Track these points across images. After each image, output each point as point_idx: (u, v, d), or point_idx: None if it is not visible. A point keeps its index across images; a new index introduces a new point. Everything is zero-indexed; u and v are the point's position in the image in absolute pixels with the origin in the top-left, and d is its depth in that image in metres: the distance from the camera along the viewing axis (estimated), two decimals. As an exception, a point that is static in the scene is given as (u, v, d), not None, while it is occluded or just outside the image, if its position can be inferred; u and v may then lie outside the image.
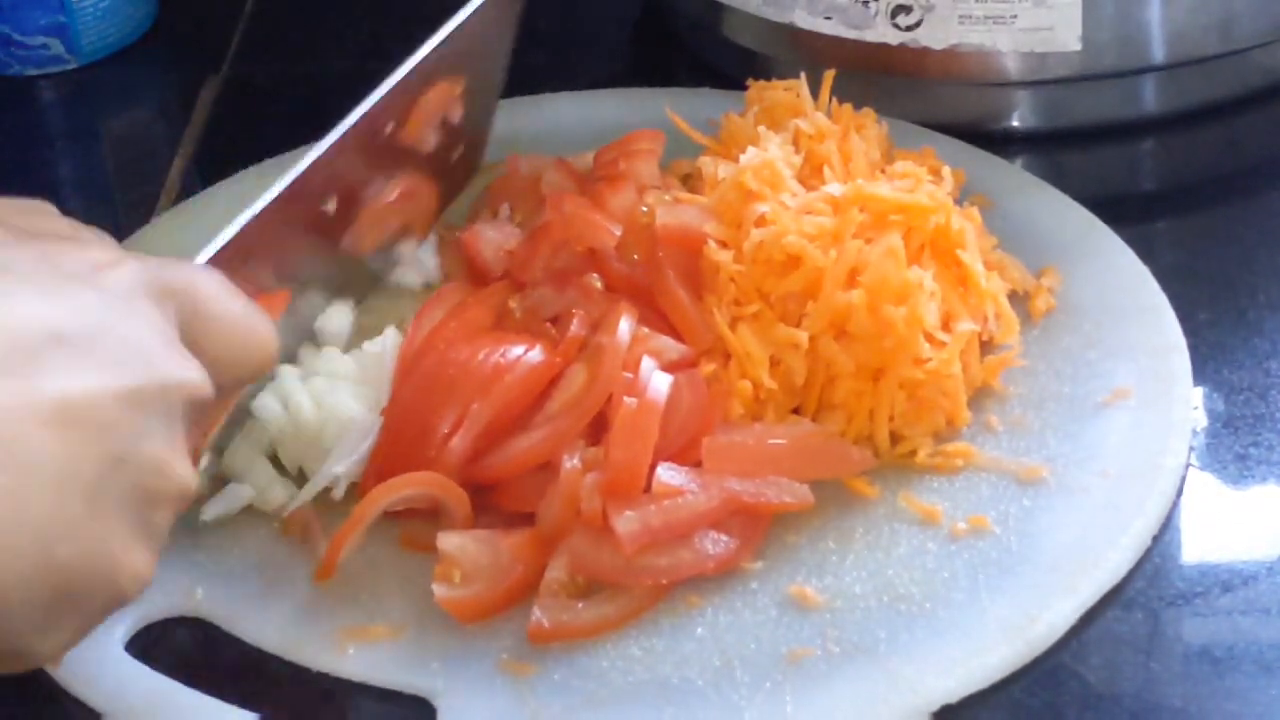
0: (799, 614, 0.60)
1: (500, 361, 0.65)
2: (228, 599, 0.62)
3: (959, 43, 0.82)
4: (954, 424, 0.67)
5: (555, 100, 0.89)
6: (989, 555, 0.61)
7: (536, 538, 0.62)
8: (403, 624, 0.61)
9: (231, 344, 0.54)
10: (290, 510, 0.64)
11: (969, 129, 0.83)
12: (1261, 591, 0.61)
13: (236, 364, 0.54)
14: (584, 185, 0.76)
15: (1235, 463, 0.66)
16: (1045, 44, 0.81)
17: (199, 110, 0.96)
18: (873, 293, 0.65)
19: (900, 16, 0.80)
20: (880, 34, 0.82)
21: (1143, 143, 0.86)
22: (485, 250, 0.74)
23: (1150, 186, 0.87)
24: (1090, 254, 0.75)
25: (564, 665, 0.59)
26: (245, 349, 0.54)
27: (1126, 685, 0.58)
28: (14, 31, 0.98)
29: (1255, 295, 0.74)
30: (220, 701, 0.57)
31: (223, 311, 0.53)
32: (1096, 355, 0.70)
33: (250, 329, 0.54)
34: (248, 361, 0.54)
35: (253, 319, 0.55)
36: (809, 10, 0.84)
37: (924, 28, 0.81)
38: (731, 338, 0.66)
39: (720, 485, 0.62)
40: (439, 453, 0.63)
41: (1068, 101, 0.85)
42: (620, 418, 0.62)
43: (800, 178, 0.70)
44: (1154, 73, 0.84)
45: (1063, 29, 0.81)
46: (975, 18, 0.81)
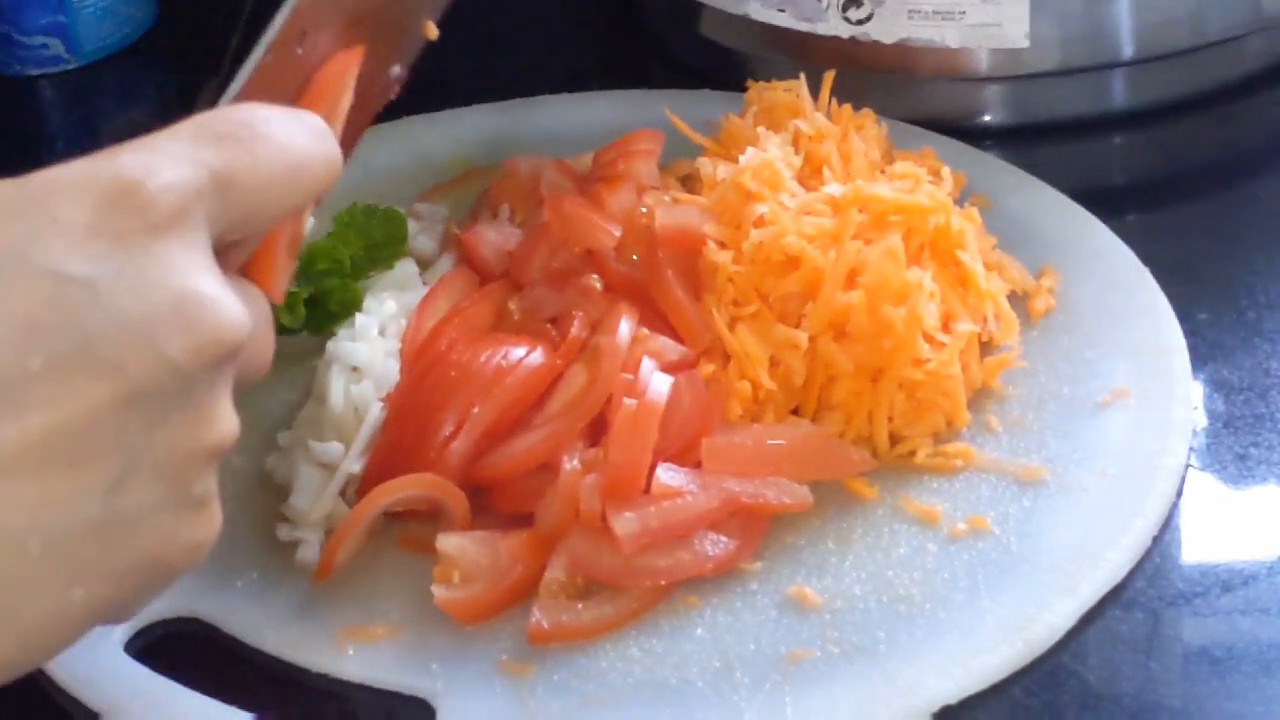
0: (798, 615, 0.60)
1: (501, 364, 0.65)
2: (227, 599, 0.62)
3: (908, 37, 0.82)
4: (953, 425, 0.67)
5: (554, 101, 0.89)
6: (989, 556, 0.61)
7: (536, 538, 0.62)
8: (402, 624, 0.61)
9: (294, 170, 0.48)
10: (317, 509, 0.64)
11: (942, 124, 0.83)
12: (1261, 591, 0.61)
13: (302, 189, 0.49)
14: (583, 186, 0.76)
15: (1235, 463, 0.66)
16: (993, 40, 0.82)
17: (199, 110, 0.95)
18: (872, 293, 0.65)
19: (851, 10, 0.80)
20: (832, 27, 0.82)
21: (1122, 137, 0.87)
22: (485, 251, 0.74)
23: (1133, 179, 0.87)
24: (1089, 254, 0.75)
25: (563, 666, 0.59)
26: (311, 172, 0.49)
27: (1126, 685, 0.58)
28: (14, 31, 0.98)
29: (1255, 295, 0.74)
30: (219, 702, 0.57)
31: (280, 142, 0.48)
32: (1095, 355, 0.70)
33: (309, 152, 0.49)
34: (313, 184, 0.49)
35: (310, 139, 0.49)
36: (763, 3, 0.84)
37: (874, 22, 0.82)
38: (730, 338, 0.66)
39: (719, 486, 0.62)
40: (439, 455, 0.63)
41: (1040, 97, 0.85)
42: (620, 419, 0.62)
43: (800, 178, 0.70)
44: (1132, 66, 0.85)
45: (1010, 25, 0.81)
46: (924, 13, 0.81)
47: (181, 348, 0.43)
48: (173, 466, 0.45)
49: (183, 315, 0.44)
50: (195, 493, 0.45)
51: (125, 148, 0.45)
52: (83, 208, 0.43)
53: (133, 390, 0.43)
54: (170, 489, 0.45)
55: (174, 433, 0.44)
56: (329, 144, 0.50)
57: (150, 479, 0.44)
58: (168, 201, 0.44)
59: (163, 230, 0.44)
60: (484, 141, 0.85)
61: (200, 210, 0.45)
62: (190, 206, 0.45)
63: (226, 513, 0.64)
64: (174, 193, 0.44)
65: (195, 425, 0.45)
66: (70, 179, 0.44)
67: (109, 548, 0.44)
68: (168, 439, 0.44)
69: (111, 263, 0.43)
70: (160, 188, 0.44)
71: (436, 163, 0.84)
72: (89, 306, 0.43)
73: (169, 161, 0.45)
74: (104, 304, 0.43)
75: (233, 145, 0.46)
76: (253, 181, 0.47)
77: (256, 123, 0.47)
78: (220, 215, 0.46)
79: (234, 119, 0.47)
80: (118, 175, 0.44)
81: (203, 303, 0.44)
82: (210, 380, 0.45)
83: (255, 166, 0.47)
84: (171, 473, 0.45)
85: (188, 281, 0.44)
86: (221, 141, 0.46)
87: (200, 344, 0.44)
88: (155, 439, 0.44)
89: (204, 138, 0.46)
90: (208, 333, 0.44)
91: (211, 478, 0.46)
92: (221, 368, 0.45)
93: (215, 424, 0.45)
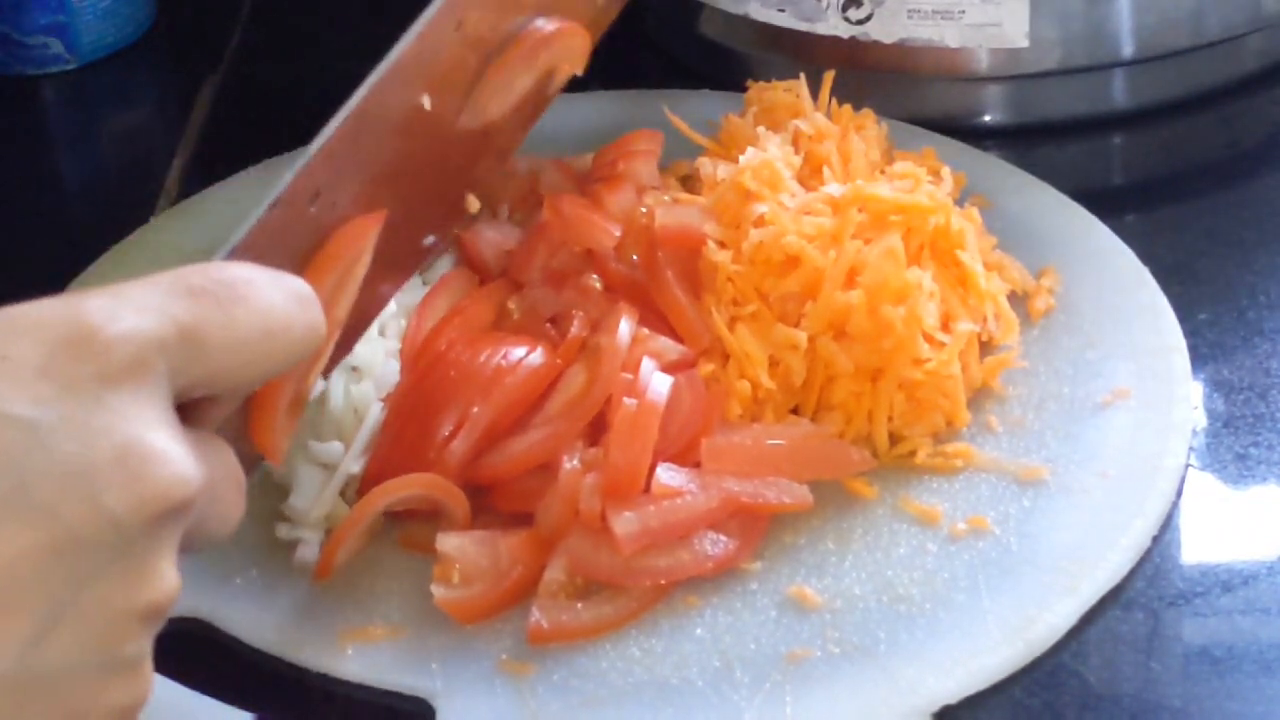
0: (798, 615, 0.60)
1: (501, 364, 0.65)
2: (228, 599, 0.62)
3: (908, 37, 0.83)
4: (953, 424, 0.67)
5: (554, 101, 0.88)
6: (989, 556, 0.61)
7: (535, 538, 0.62)
8: (402, 624, 0.61)
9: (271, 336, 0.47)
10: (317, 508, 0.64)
11: (942, 124, 0.83)
12: (1261, 591, 0.61)
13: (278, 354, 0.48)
14: (583, 186, 0.76)
15: (1235, 463, 0.66)
16: (993, 40, 0.82)
17: (198, 110, 0.96)
18: (872, 293, 0.65)
19: (851, 10, 0.80)
20: (831, 27, 0.82)
21: (1122, 136, 0.87)
22: (484, 250, 0.74)
23: (1134, 179, 0.87)
24: (1090, 254, 0.75)
25: (563, 666, 0.59)
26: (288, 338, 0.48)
27: (1126, 685, 0.58)
28: (14, 31, 0.98)
29: (1255, 295, 0.74)
30: (219, 702, 0.57)
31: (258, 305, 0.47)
32: (1096, 356, 0.70)
33: (288, 319, 0.47)
34: (291, 350, 0.48)
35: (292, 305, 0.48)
36: (763, 3, 0.84)
37: (874, 22, 0.82)
38: (730, 338, 0.66)
39: (719, 486, 0.62)
40: (439, 455, 0.63)
41: (1040, 97, 0.85)
42: (620, 419, 0.62)
43: (800, 178, 0.70)
44: (1126, 67, 0.85)
45: (1010, 25, 0.81)
46: (924, 12, 0.81)
47: (122, 499, 0.42)
48: (102, 624, 0.43)
49: (126, 467, 0.42)
50: (125, 654, 0.44)
51: (95, 292, 0.44)
52: (36, 349, 0.42)
53: (65, 539, 0.41)
54: (97, 648, 0.43)
55: (107, 588, 0.42)
56: (312, 312, 0.48)
57: (76, 635, 0.42)
58: (125, 350, 0.43)
59: (116, 379, 0.43)
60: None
61: (160, 363, 0.44)
62: (148, 358, 0.43)
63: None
64: (132, 342, 0.43)
65: (131, 583, 0.43)
66: (29, 318, 0.43)
67: (26, 704, 0.42)
68: (99, 594, 0.42)
69: (58, 407, 0.42)
70: (118, 336, 0.43)
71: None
72: (28, 449, 0.41)
73: (133, 310, 0.44)
74: (44, 448, 0.41)
75: (206, 301, 0.45)
76: (223, 341, 0.45)
77: (237, 283, 0.46)
78: (184, 371, 0.45)
79: (214, 276, 0.46)
80: (78, 319, 0.43)
81: (149, 456, 0.42)
82: (151, 537, 0.43)
83: (228, 326, 0.45)
84: (100, 631, 0.43)
85: (136, 433, 0.42)
86: (195, 296, 0.45)
87: (143, 498, 0.42)
88: (85, 593, 0.42)
89: (178, 290, 0.45)
90: (151, 487, 0.42)
91: (145, 640, 0.44)
92: (164, 524, 0.43)
93: (153, 583, 0.43)
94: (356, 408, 0.66)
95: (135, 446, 0.42)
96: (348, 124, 0.56)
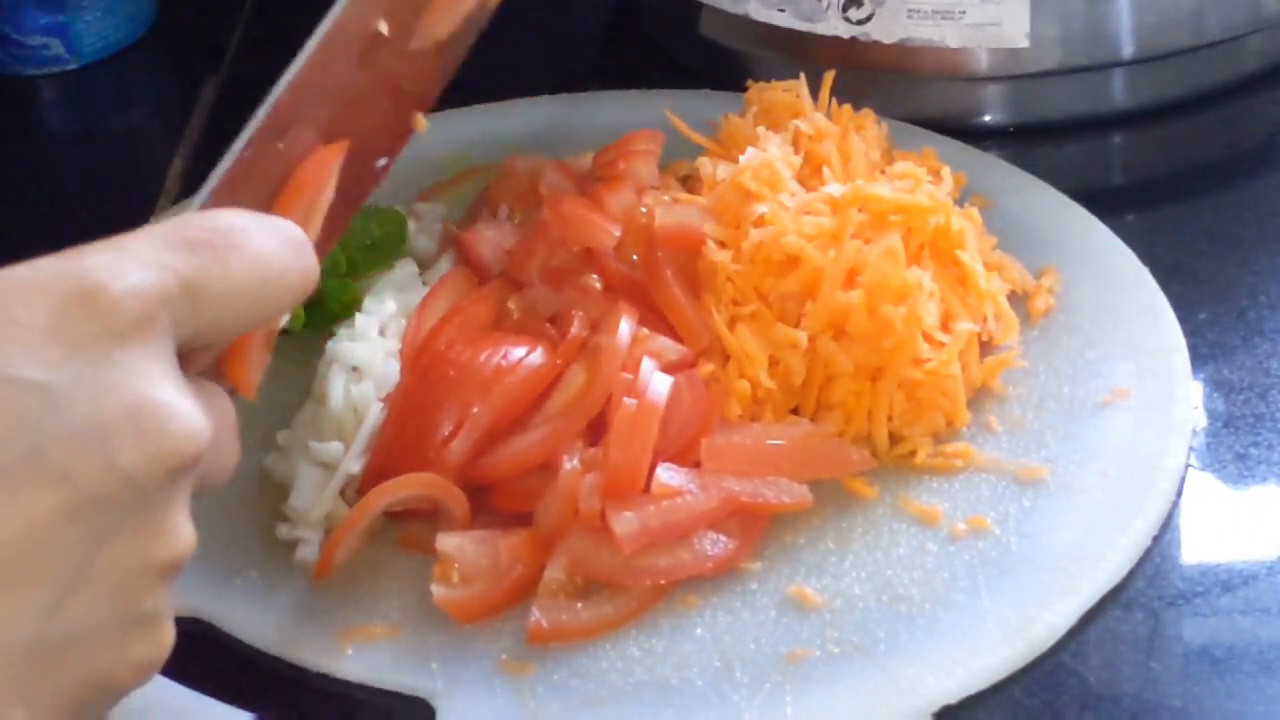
0: (798, 614, 0.60)
1: (501, 364, 0.65)
2: (228, 598, 0.62)
3: (908, 37, 0.82)
4: (953, 424, 0.67)
5: (554, 101, 0.89)
6: (989, 556, 0.61)
7: (535, 538, 0.62)
8: (401, 624, 0.61)
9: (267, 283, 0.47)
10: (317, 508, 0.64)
11: (942, 124, 0.84)
12: (1261, 591, 0.61)
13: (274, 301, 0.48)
14: (582, 186, 0.76)
15: (1235, 463, 0.66)
16: (993, 40, 0.82)
17: (198, 110, 0.96)
18: (871, 293, 0.65)
19: (851, 10, 0.80)
20: (831, 27, 0.82)
21: (1122, 136, 0.87)
22: (484, 250, 0.74)
23: (1133, 179, 0.87)
24: (1089, 254, 0.75)
25: (563, 665, 0.59)
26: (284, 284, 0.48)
27: (1126, 685, 0.58)
28: (14, 31, 0.98)
29: (1255, 295, 0.74)
30: (219, 702, 0.57)
31: (254, 253, 0.46)
32: (1096, 355, 0.70)
33: (283, 265, 0.47)
34: (286, 296, 0.48)
35: (286, 251, 0.48)
36: (762, 3, 0.84)
37: (874, 22, 0.82)
38: (730, 338, 0.66)
39: (719, 486, 0.62)
40: (439, 455, 0.63)
41: (1045, 96, 0.85)
42: (620, 419, 0.62)
43: (800, 178, 0.70)
44: (1131, 66, 0.85)
45: (1010, 24, 0.81)
46: (924, 12, 0.81)
47: (135, 457, 0.42)
48: (121, 583, 0.43)
49: (138, 424, 0.42)
50: (145, 610, 0.44)
51: (94, 247, 0.44)
52: (42, 310, 0.42)
53: (81, 501, 0.41)
54: (117, 606, 0.43)
55: (124, 547, 0.43)
56: (305, 256, 0.48)
57: (96, 596, 0.42)
58: (131, 306, 0.43)
59: (124, 336, 0.43)
60: (484, 141, 0.85)
61: (165, 317, 0.44)
62: (154, 312, 0.43)
63: (227, 513, 0.66)
64: (138, 298, 0.43)
65: (147, 539, 0.43)
66: (33, 280, 0.43)
67: (50, 668, 0.42)
68: (117, 553, 0.42)
69: (68, 368, 0.42)
70: (124, 292, 0.43)
71: (436, 162, 0.84)
72: (41, 413, 0.41)
73: (136, 265, 0.43)
74: (57, 410, 0.41)
75: (205, 252, 0.45)
76: (223, 291, 0.45)
77: (232, 231, 0.46)
78: (186, 322, 0.45)
79: (209, 225, 0.46)
80: (81, 277, 0.43)
81: (160, 412, 0.42)
82: (165, 492, 0.43)
83: (226, 276, 0.45)
84: (119, 589, 0.43)
85: (146, 389, 0.42)
86: (193, 248, 0.45)
87: (156, 454, 0.42)
88: (103, 553, 0.42)
89: (176, 242, 0.45)
90: (164, 442, 0.42)
91: (164, 594, 0.44)
92: (178, 479, 0.43)
93: (169, 538, 0.44)
94: (356, 408, 0.66)
95: (146, 403, 0.42)
96: (313, 58, 0.56)
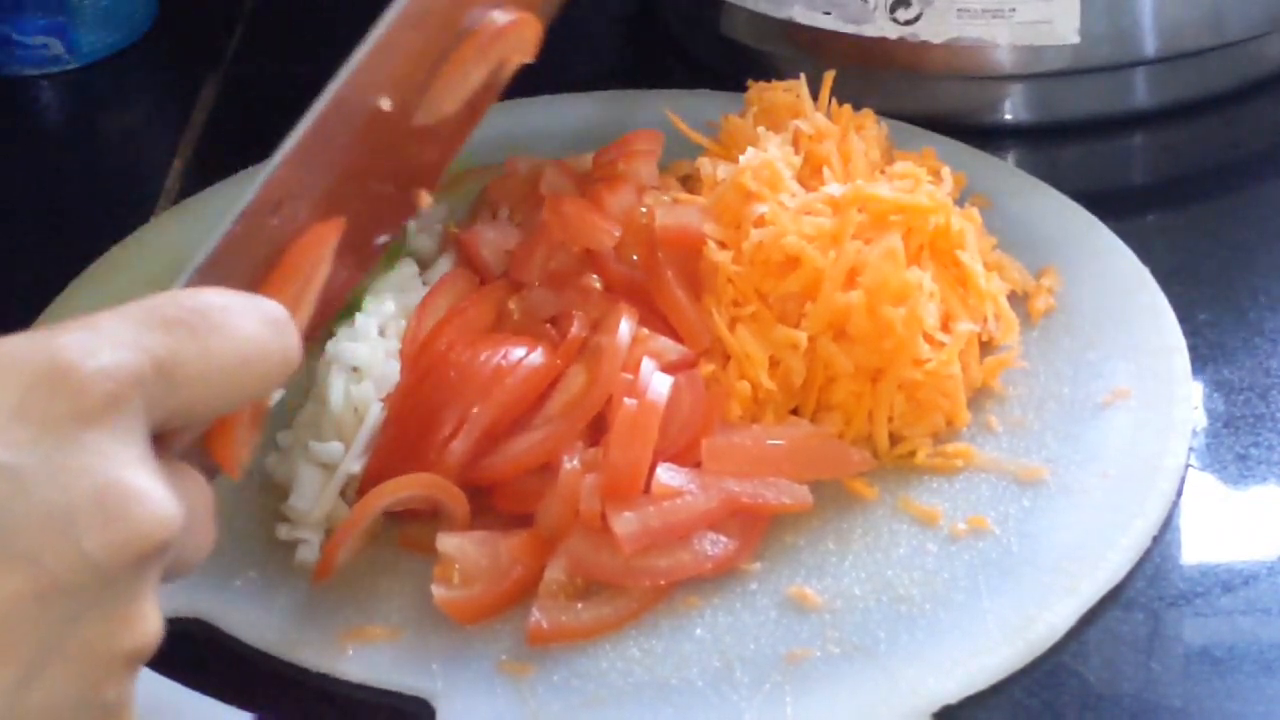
0: (798, 615, 0.60)
1: (501, 364, 0.65)
2: (227, 599, 0.62)
3: (958, 36, 0.82)
4: (953, 425, 0.67)
5: (554, 101, 0.89)
6: (989, 556, 0.61)
7: (535, 539, 0.62)
8: (402, 625, 0.61)
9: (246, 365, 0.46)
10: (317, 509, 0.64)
11: (961, 123, 0.83)
12: (1261, 591, 0.61)
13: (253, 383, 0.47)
14: (583, 186, 0.75)
15: (1235, 463, 0.66)
16: (1044, 37, 0.82)
17: (199, 110, 0.96)
18: (872, 293, 0.65)
19: (899, 11, 0.80)
20: (879, 29, 0.82)
21: (1134, 137, 0.87)
22: (484, 250, 0.74)
23: (1142, 180, 0.87)
24: (1090, 254, 0.75)
25: (563, 666, 0.59)
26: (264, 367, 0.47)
27: (1126, 685, 0.58)
28: (14, 31, 0.98)
29: (1255, 295, 0.74)
30: (219, 702, 0.57)
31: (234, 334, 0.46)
32: (1096, 356, 0.70)
33: (264, 346, 0.47)
34: (266, 378, 0.47)
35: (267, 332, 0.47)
36: (808, 5, 0.84)
37: (923, 22, 0.81)
38: (730, 338, 0.66)
39: (719, 486, 0.62)
40: (439, 455, 0.63)
41: (1060, 95, 0.85)
42: (620, 419, 0.62)
43: (800, 178, 0.70)
44: (1146, 66, 0.85)
45: (1061, 21, 0.81)
46: (974, 11, 0.81)
47: (101, 543, 0.41)
48: (86, 668, 0.42)
49: (106, 509, 0.41)
50: (108, 699, 0.43)
51: (68, 325, 0.43)
52: (12, 390, 0.41)
53: (48, 585, 0.41)
54: (81, 692, 0.42)
55: (90, 632, 0.42)
56: (288, 337, 0.47)
57: (60, 680, 0.42)
58: (102, 388, 0.42)
59: (93, 417, 0.42)
60: (484, 141, 0.85)
61: (137, 398, 0.43)
62: (126, 394, 0.42)
63: (227, 513, 0.65)
64: (110, 379, 0.42)
65: (113, 626, 0.42)
66: (3, 357, 0.42)
67: None
68: (84, 637, 0.42)
69: (36, 450, 0.41)
70: (95, 372, 0.42)
71: (436, 163, 0.84)
72: (9, 495, 0.40)
73: (109, 344, 0.42)
74: (24, 493, 0.40)
75: (182, 333, 0.44)
76: (200, 373, 0.44)
77: (212, 311, 0.45)
78: (161, 404, 0.44)
79: (188, 304, 0.45)
80: (53, 356, 0.42)
81: (129, 497, 0.42)
82: (133, 578, 0.42)
83: (204, 357, 0.44)
84: (84, 674, 0.42)
85: (115, 473, 0.42)
86: (170, 327, 0.44)
87: (123, 540, 0.41)
88: (70, 636, 0.41)
89: (153, 321, 0.44)
90: (132, 529, 0.41)
91: (128, 684, 0.44)
92: (146, 566, 0.42)
93: (135, 626, 0.43)
94: (356, 408, 0.66)
95: (114, 487, 0.42)
96: (311, 132, 0.55)
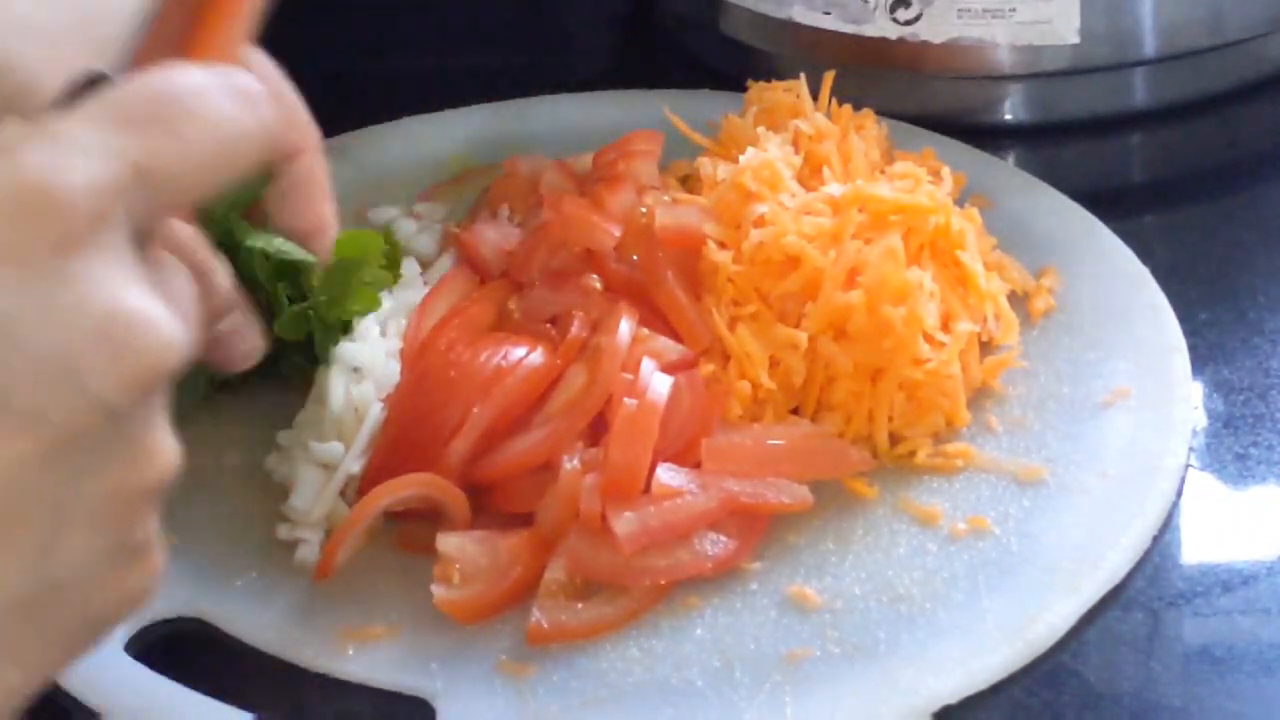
0: (798, 615, 0.60)
1: (501, 364, 0.65)
2: (227, 599, 0.62)
3: (958, 36, 0.82)
4: (953, 424, 0.67)
5: (554, 101, 0.89)
6: (989, 556, 0.61)
7: (535, 539, 0.62)
8: (401, 624, 0.61)
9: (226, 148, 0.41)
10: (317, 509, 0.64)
11: (961, 122, 0.83)
12: (1261, 591, 0.61)
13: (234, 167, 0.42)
14: (583, 186, 0.76)
15: (1235, 463, 0.66)
16: (1043, 37, 0.82)
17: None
18: (872, 293, 0.65)
19: (899, 11, 0.80)
20: (879, 29, 0.82)
21: (1134, 137, 0.87)
22: (484, 250, 0.74)
23: (1141, 180, 0.87)
24: (1090, 254, 0.75)
25: (563, 666, 0.59)
26: (245, 145, 0.42)
27: (1126, 685, 0.58)
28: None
29: (1255, 295, 0.74)
30: (219, 702, 0.57)
31: (210, 119, 0.41)
32: (1096, 356, 0.70)
33: (242, 126, 0.41)
34: (247, 159, 0.42)
35: (243, 110, 0.42)
36: (808, 5, 0.84)
37: (923, 22, 0.81)
38: (730, 338, 0.66)
39: (719, 486, 0.62)
40: (439, 455, 0.63)
41: (1060, 95, 0.85)
42: (620, 419, 0.62)
43: (800, 178, 0.70)
44: (1145, 66, 0.85)
45: (1061, 21, 0.81)
46: (974, 11, 0.81)
47: (110, 382, 0.37)
48: (110, 516, 0.39)
49: (109, 343, 0.37)
50: (136, 539, 0.40)
51: (28, 139, 0.38)
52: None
53: (57, 440, 0.37)
54: (108, 541, 0.39)
55: (109, 478, 0.39)
56: (263, 110, 0.42)
57: (85, 535, 0.39)
58: (82, 209, 0.37)
59: (78, 243, 0.37)
60: (484, 141, 0.85)
61: (119, 210, 0.38)
62: (107, 209, 0.38)
63: (227, 513, 0.66)
64: (89, 196, 0.37)
65: (133, 465, 0.39)
66: None
67: (43, 619, 0.39)
68: (102, 486, 0.39)
69: (21, 293, 0.37)
70: (71, 192, 0.37)
71: (436, 163, 0.84)
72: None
73: (80, 157, 0.38)
74: (14, 343, 0.36)
75: (156, 130, 0.39)
76: (180, 168, 0.40)
77: (183, 97, 0.40)
78: (142, 209, 0.39)
79: (156, 94, 0.40)
80: (20, 182, 0.37)
81: (132, 325, 0.38)
82: (144, 411, 0.39)
83: (183, 151, 0.40)
84: (109, 523, 0.39)
85: (112, 301, 0.38)
86: (142, 126, 0.39)
87: (133, 373, 0.38)
88: (88, 488, 0.38)
89: (122, 120, 0.39)
90: (140, 359, 0.38)
91: (152, 518, 0.41)
92: (156, 393, 0.39)
93: (155, 458, 0.40)
94: (356, 408, 0.66)
95: (114, 318, 0.38)
96: None
